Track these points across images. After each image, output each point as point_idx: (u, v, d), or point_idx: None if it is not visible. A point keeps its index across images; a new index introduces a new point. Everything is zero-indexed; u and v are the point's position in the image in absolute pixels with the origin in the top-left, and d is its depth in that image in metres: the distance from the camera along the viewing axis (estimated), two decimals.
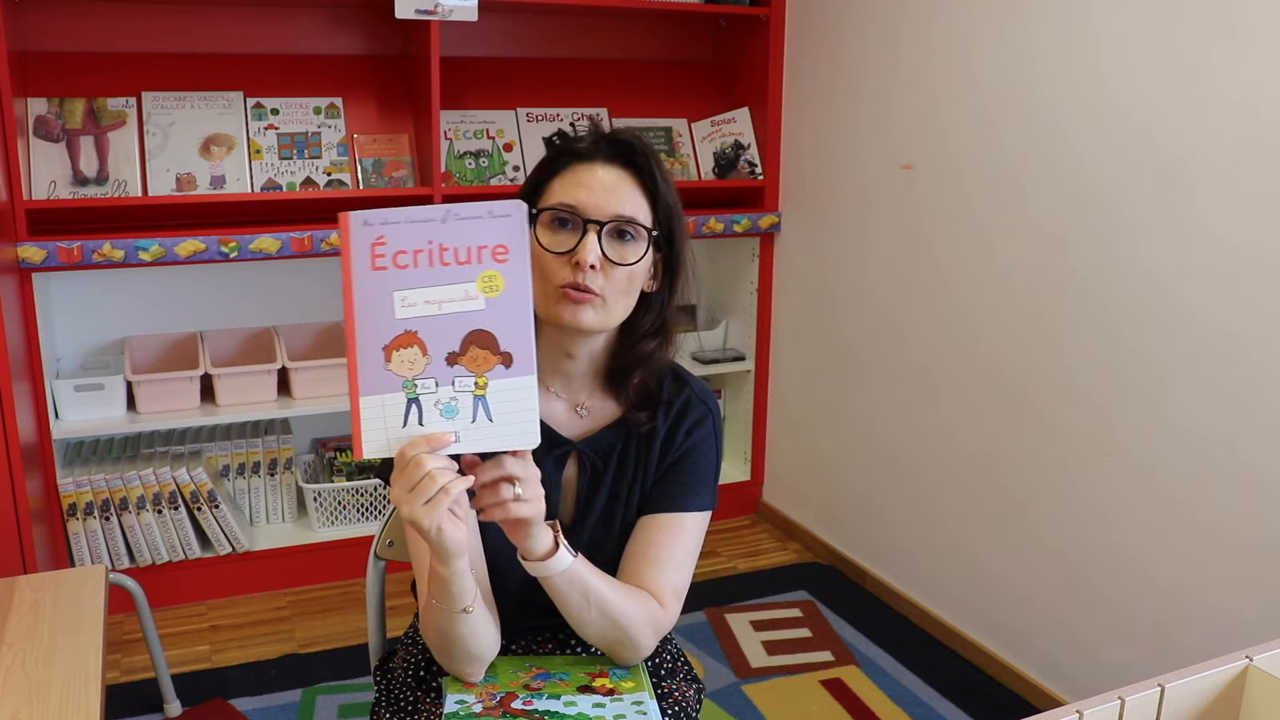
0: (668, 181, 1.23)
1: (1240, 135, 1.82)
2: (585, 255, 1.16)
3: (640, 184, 1.21)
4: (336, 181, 2.77)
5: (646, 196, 1.22)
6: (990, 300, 2.40)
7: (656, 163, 1.23)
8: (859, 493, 2.94)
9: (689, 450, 1.30)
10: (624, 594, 1.20)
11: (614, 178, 1.20)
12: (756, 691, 2.38)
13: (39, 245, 2.38)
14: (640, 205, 1.21)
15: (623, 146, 1.22)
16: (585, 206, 1.18)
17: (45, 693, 1.31)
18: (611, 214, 1.18)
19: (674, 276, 1.27)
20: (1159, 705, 0.85)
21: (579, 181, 1.20)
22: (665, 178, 1.23)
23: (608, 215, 1.18)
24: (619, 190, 1.19)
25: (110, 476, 2.60)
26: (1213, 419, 1.92)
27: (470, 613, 1.11)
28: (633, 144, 1.22)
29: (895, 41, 2.62)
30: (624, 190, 1.20)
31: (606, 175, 1.20)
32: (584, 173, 1.20)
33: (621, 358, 1.28)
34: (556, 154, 1.24)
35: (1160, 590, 2.04)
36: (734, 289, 3.37)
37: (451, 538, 1.02)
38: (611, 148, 1.22)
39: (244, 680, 2.41)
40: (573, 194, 1.19)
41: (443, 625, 1.13)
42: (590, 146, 1.22)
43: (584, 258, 1.16)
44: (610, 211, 1.18)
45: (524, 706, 1.16)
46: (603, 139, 1.23)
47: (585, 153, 1.22)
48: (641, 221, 1.20)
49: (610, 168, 1.21)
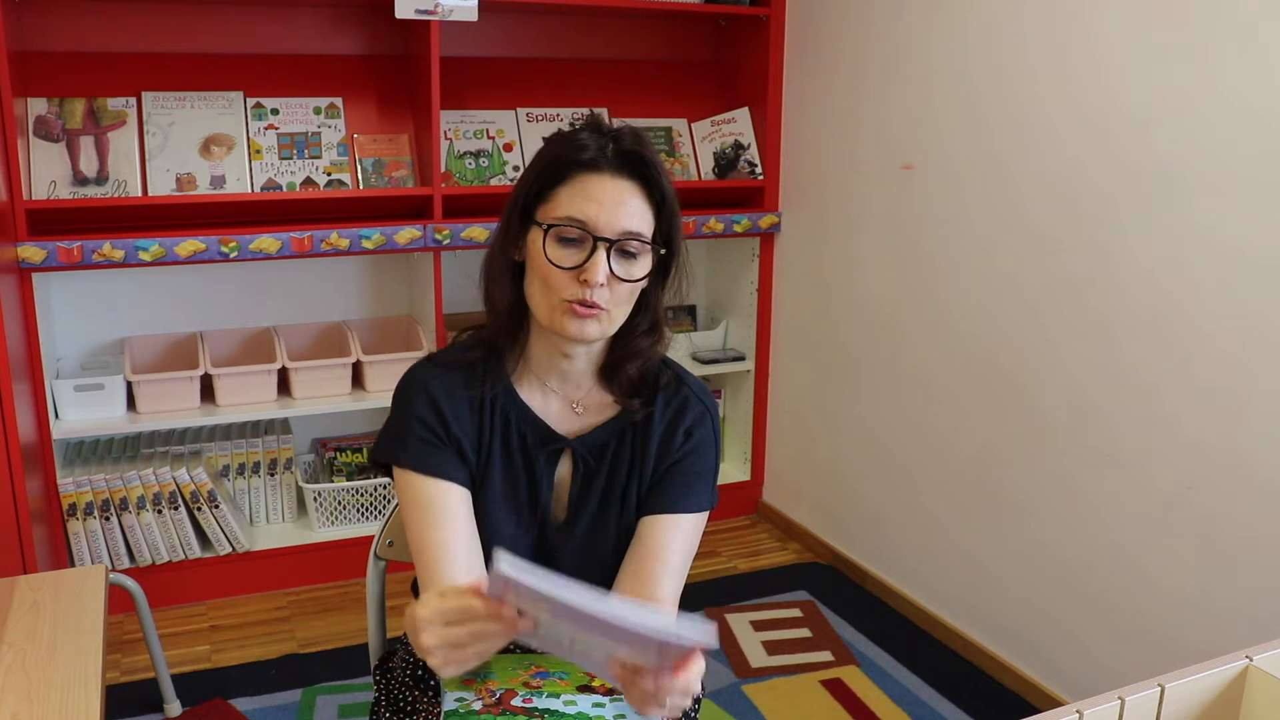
0: (670, 185, 1.23)
1: (1239, 136, 1.82)
2: (594, 276, 1.16)
3: (647, 195, 1.20)
4: (336, 181, 2.77)
5: (652, 207, 1.21)
6: (990, 300, 2.40)
7: (661, 170, 1.22)
8: (859, 493, 2.94)
9: (689, 451, 1.30)
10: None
11: (622, 191, 1.19)
12: (756, 691, 2.38)
13: (39, 245, 2.38)
14: (646, 218, 1.20)
15: (631, 158, 1.20)
16: (595, 223, 1.17)
17: (45, 693, 1.31)
18: (620, 230, 1.17)
19: (667, 273, 1.27)
20: (1159, 705, 0.85)
21: (588, 195, 1.18)
22: (669, 182, 1.22)
23: (617, 232, 1.17)
24: (628, 204, 1.18)
25: (110, 476, 2.60)
26: (1212, 419, 1.92)
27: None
28: (641, 155, 1.20)
29: (895, 41, 2.62)
30: (632, 204, 1.19)
31: (615, 189, 1.18)
32: (593, 185, 1.18)
33: (616, 353, 1.28)
34: (562, 162, 1.21)
35: (1160, 590, 2.04)
36: (734, 289, 3.37)
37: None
38: (619, 159, 1.20)
39: (244, 680, 2.40)
40: (581, 208, 1.17)
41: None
42: (597, 156, 1.19)
43: (593, 278, 1.16)
44: (619, 228, 1.17)
45: (523, 704, 1.16)
46: (610, 148, 1.20)
47: (592, 163, 1.19)
48: (648, 237, 1.20)
49: (619, 180, 1.19)
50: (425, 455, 1.23)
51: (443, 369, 1.28)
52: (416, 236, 2.72)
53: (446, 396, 1.25)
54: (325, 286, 3.01)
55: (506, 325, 1.27)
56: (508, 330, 1.27)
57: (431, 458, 1.23)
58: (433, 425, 1.24)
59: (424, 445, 1.23)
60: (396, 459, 1.24)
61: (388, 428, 1.28)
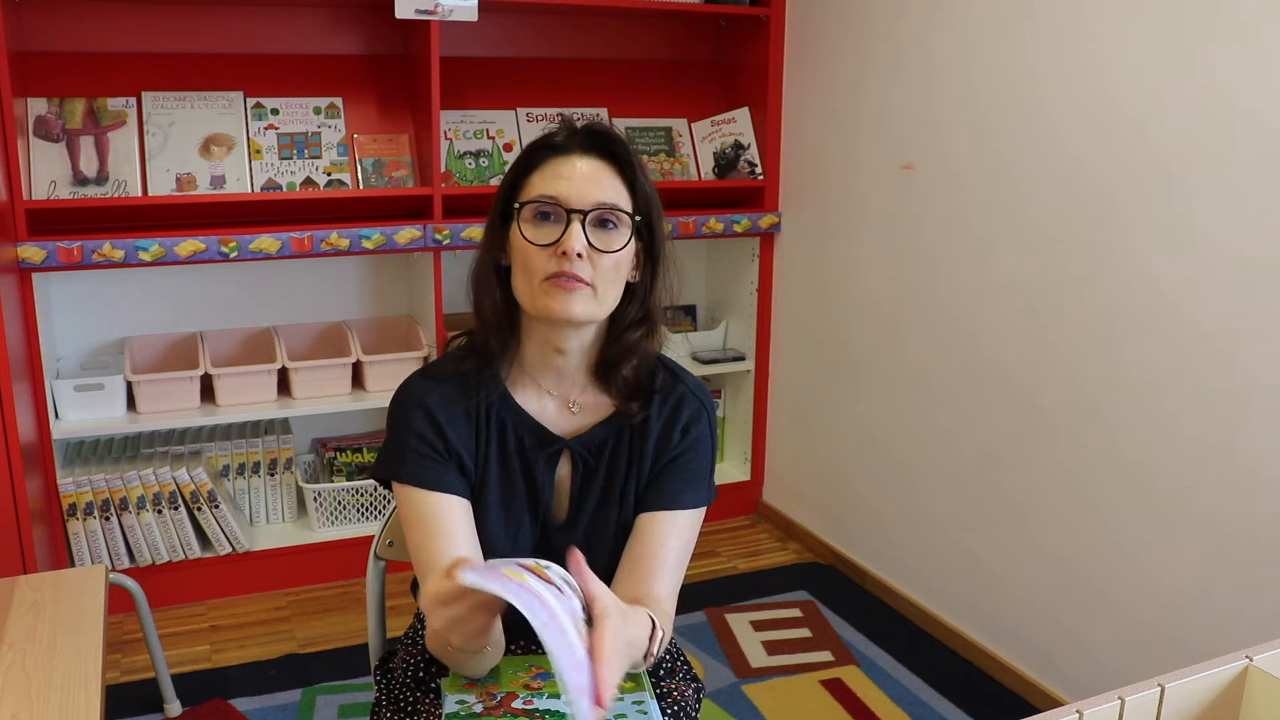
0: (644, 170, 1.25)
1: (1239, 136, 1.82)
2: (571, 244, 1.17)
3: (618, 172, 1.22)
4: (336, 181, 2.77)
5: (625, 184, 1.23)
6: (990, 300, 2.40)
7: (630, 150, 1.24)
8: (859, 493, 2.94)
9: (686, 448, 1.30)
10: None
11: (592, 168, 1.21)
12: (756, 691, 2.38)
13: (39, 245, 2.38)
14: (620, 192, 1.22)
15: (598, 137, 1.23)
16: (567, 197, 1.19)
17: (45, 693, 1.31)
18: (593, 202, 1.19)
19: (655, 265, 1.27)
20: (1159, 705, 0.85)
21: (558, 174, 1.21)
22: (642, 166, 1.24)
23: (590, 204, 1.19)
24: (599, 179, 1.20)
25: (110, 476, 2.60)
26: (1211, 419, 1.92)
27: (489, 649, 1.11)
28: (607, 134, 1.23)
29: (895, 41, 2.62)
30: (603, 179, 1.21)
31: (585, 165, 1.21)
32: (562, 165, 1.21)
33: (609, 350, 1.28)
34: (532, 150, 1.24)
35: (1160, 590, 2.04)
36: (734, 289, 3.37)
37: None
38: (587, 139, 1.23)
39: (244, 680, 2.40)
40: (553, 186, 1.20)
41: (456, 659, 1.13)
42: (566, 140, 1.23)
43: (570, 246, 1.17)
44: (592, 200, 1.19)
45: (524, 706, 1.16)
46: (578, 131, 1.24)
47: (562, 146, 1.22)
48: (623, 208, 1.21)
49: (588, 158, 1.22)
50: (423, 470, 1.23)
51: (436, 381, 1.28)
52: (416, 236, 2.72)
53: (442, 409, 1.25)
54: (325, 286, 3.01)
55: (497, 330, 1.27)
56: (499, 335, 1.27)
57: (430, 472, 1.23)
58: (430, 439, 1.24)
59: (422, 460, 1.23)
60: (396, 475, 1.24)
61: (386, 445, 1.28)
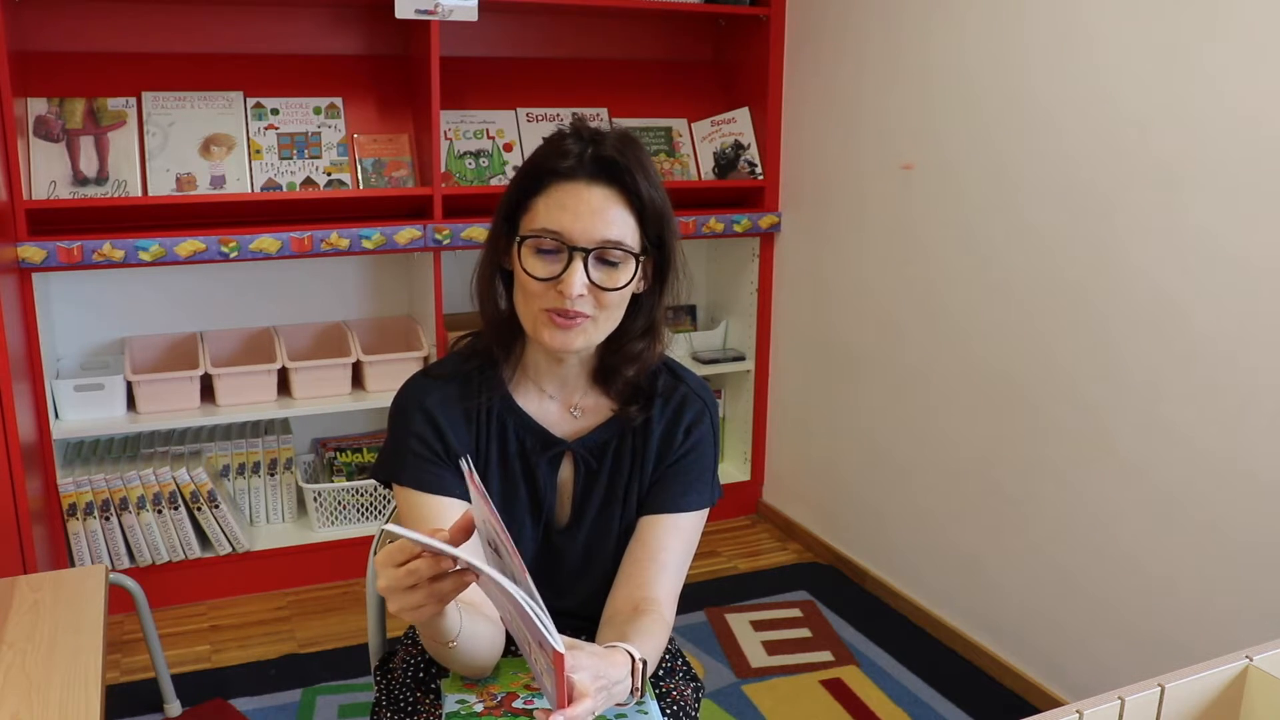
0: (656, 186, 1.18)
1: (1237, 136, 1.82)
2: (569, 288, 1.14)
3: (627, 202, 1.17)
4: (336, 181, 2.77)
5: (634, 214, 1.17)
6: (989, 300, 2.40)
7: (643, 173, 1.17)
8: (859, 493, 2.94)
9: (689, 449, 1.30)
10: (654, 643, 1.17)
11: (600, 199, 1.15)
12: (756, 691, 2.38)
13: (39, 245, 2.38)
14: (628, 225, 1.17)
15: (607, 164, 1.16)
16: (570, 233, 1.14)
17: (45, 693, 1.31)
18: (598, 240, 1.15)
19: (664, 277, 1.24)
20: (1159, 705, 0.84)
21: (563, 205, 1.15)
22: (653, 183, 1.18)
23: (594, 241, 1.15)
24: (605, 213, 1.15)
25: (110, 476, 2.60)
26: (1210, 419, 1.92)
27: (455, 645, 1.08)
28: (617, 161, 1.16)
29: (895, 41, 2.62)
30: (610, 212, 1.16)
31: (592, 197, 1.15)
32: (568, 194, 1.15)
33: (611, 358, 1.27)
34: (540, 170, 1.18)
35: (1160, 590, 2.04)
36: (734, 289, 3.37)
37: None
38: (596, 166, 1.16)
39: (244, 680, 2.40)
40: (557, 219, 1.15)
41: (436, 651, 1.13)
42: (575, 164, 1.16)
43: (569, 290, 1.14)
44: (596, 237, 1.15)
45: (525, 706, 1.16)
46: (589, 154, 1.16)
47: (569, 172, 1.16)
48: (629, 245, 1.17)
49: (595, 187, 1.15)
50: (423, 472, 1.23)
51: (438, 382, 1.27)
52: (416, 236, 2.72)
53: (443, 411, 1.25)
54: (325, 286, 3.00)
55: (500, 333, 1.26)
56: (501, 338, 1.26)
57: (429, 474, 1.23)
58: (430, 442, 1.24)
59: (422, 462, 1.23)
60: (396, 477, 1.24)
61: (386, 446, 1.28)
